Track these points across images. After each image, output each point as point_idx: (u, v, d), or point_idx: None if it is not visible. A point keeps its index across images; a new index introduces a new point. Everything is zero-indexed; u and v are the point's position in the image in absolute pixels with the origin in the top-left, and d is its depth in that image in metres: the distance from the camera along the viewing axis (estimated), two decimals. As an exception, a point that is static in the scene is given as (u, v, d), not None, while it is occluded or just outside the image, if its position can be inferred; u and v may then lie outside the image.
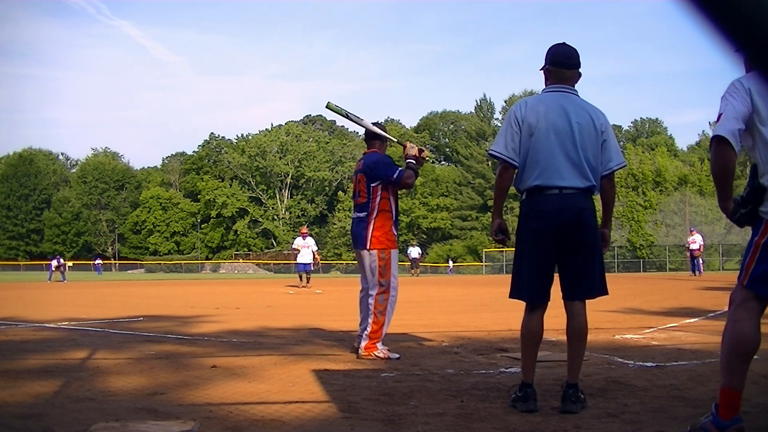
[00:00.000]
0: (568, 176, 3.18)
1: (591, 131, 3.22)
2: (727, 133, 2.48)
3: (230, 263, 62.58)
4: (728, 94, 2.56)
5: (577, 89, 3.34)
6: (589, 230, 3.24)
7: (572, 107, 3.23)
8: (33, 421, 2.92)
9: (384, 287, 4.92)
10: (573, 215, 3.18)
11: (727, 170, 2.54)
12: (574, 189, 3.19)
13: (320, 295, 15.12)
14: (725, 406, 2.50)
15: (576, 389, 3.13)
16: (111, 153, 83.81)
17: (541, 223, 3.20)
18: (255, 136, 72.29)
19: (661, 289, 15.78)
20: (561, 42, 3.37)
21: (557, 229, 3.18)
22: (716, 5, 0.63)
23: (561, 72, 3.30)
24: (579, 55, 3.34)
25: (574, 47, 3.36)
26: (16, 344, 5.82)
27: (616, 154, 3.35)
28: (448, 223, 63.67)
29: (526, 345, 3.26)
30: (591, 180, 3.23)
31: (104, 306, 11.48)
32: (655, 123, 78.55)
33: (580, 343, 3.24)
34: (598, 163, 3.27)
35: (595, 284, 3.28)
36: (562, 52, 3.32)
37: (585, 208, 3.23)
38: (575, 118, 3.21)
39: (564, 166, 3.18)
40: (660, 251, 46.60)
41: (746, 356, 2.51)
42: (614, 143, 3.35)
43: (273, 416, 3.02)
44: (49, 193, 75.68)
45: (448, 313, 9.43)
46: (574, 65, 3.31)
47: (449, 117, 79.19)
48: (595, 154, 3.24)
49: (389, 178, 4.95)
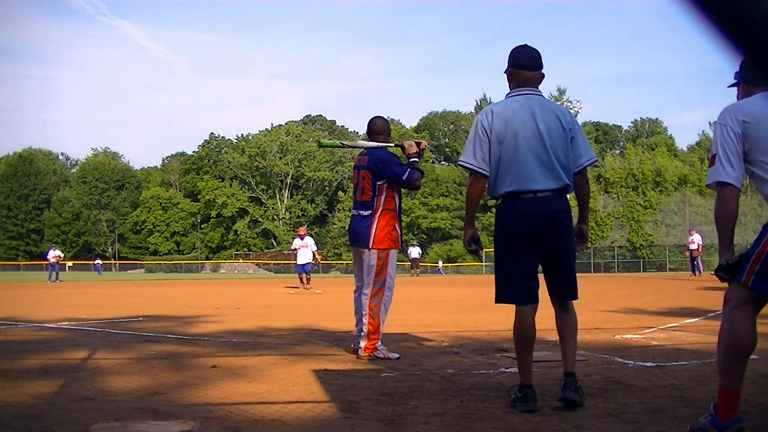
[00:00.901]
0: (541, 179, 3.20)
1: (559, 131, 3.24)
2: (730, 179, 2.57)
3: (230, 263, 62.58)
4: (720, 132, 2.62)
5: (540, 90, 3.36)
6: (565, 232, 3.27)
7: (538, 109, 3.25)
8: (33, 421, 2.92)
9: (379, 286, 4.90)
10: (548, 218, 3.20)
11: (728, 213, 2.60)
12: (548, 191, 3.22)
13: (320, 295, 15.13)
14: (724, 407, 2.50)
15: (574, 378, 3.17)
16: (111, 153, 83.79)
17: (518, 227, 3.23)
18: (255, 136, 72.28)
19: (661, 289, 15.78)
20: (522, 44, 3.40)
21: (534, 233, 3.21)
22: (716, 5, 0.63)
23: (523, 74, 3.32)
24: (541, 56, 3.37)
25: (536, 48, 3.38)
26: (16, 344, 5.82)
27: (586, 150, 3.37)
28: (448, 223, 63.70)
29: (520, 347, 3.27)
30: (564, 180, 3.25)
31: (104, 306, 11.48)
32: (655, 123, 78.60)
33: (572, 335, 3.29)
34: (570, 161, 3.28)
35: (575, 285, 3.35)
36: (524, 54, 3.34)
37: (560, 210, 3.25)
38: (542, 120, 3.22)
39: (536, 170, 3.20)
40: (660, 251, 46.61)
41: (743, 356, 2.51)
42: (582, 139, 3.36)
43: (273, 416, 3.02)
44: (49, 193, 75.68)
45: (448, 313, 9.43)
46: (535, 66, 3.34)
47: (449, 117, 79.17)
48: (565, 153, 3.26)
49: (398, 179, 4.90)
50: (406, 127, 75.64)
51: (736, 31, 0.63)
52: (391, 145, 5.25)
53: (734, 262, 2.56)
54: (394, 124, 74.30)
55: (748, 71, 2.71)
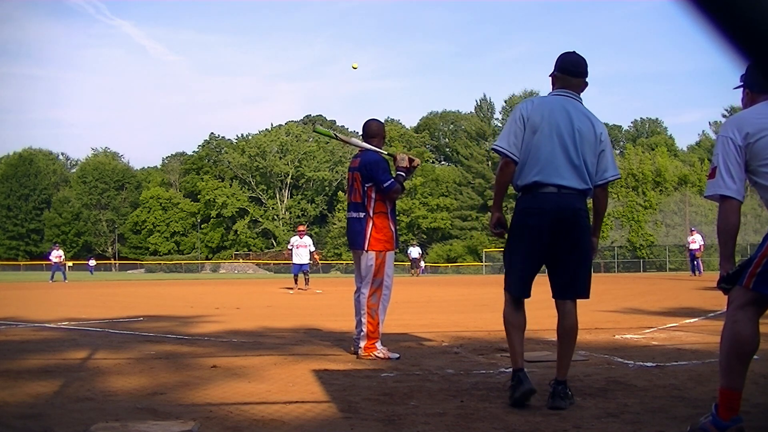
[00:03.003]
0: (568, 176, 3.26)
1: (591, 137, 3.32)
2: (730, 192, 2.62)
3: (230, 263, 62.59)
4: (721, 144, 2.66)
5: (581, 98, 3.44)
6: (584, 231, 3.33)
7: (575, 112, 3.33)
8: (33, 421, 2.92)
9: (376, 286, 4.93)
10: (570, 215, 3.26)
11: (729, 226, 2.63)
12: (573, 190, 3.27)
13: (320, 295, 15.12)
14: (725, 407, 2.51)
15: (564, 386, 3.19)
16: (111, 153, 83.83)
17: (539, 220, 3.26)
18: (255, 136, 72.28)
19: (661, 289, 15.78)
20: (572, 51, 3.48)
21: (554, 227, 3.25)
22: (717, 6, 0.63)
23: (568, 79, 3.40)
24: (587, 65, 3.45)
25: (584, 57, 3.46)
26: (16, 344, 5.82)
27: (613, 166, 3.44)
28: (448, 223, 63.67)
29: (509, 332, 3.39)
30: (588, 183, 3.33)
31: (104, 306, 11.48)
32: (655, 123, 78.57)
33: (570, 342, 3.31)
34: (595, 169, 3.35)
35: (586, 285, 3.37)
36: (571, 61, 3.43)
37: (581, 209, 3.32)
38: (577, 123, 3.30)
39: (564, 166, 3.26)
40: (660, 251, 46.61)
41: (745, 357, 2.53)
42: (611, 155, 3.45)
43: (273, 416, 3.02)
44: (49, 193, 75.68)
45: (448, 313, 9.43)
46: (580, 74, 3.42)
47: (449, 117, 79.18)
48: (592, 160, 3.33)
49: (380, 185, 4.95)
50: (406, 127, 75.70)
51: (739, 36, 0.63)
52: (384, 152, 5.19)
53: (734, 271, 2.60)
54: (394, 124, 74.41)
55: (754, 78, 2.72)
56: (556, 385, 3.18)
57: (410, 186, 60.72)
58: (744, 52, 0.64)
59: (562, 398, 3.14)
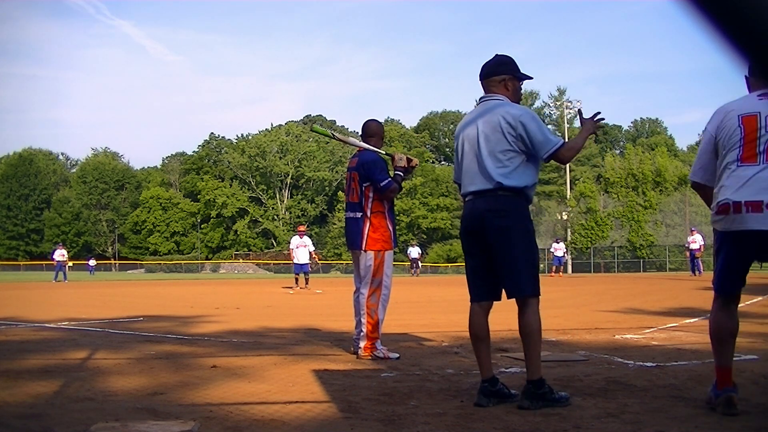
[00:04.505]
0: (478, 181, 3.38)
1: (497, 131, 3.30)
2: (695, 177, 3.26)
3: (230, 263, 62.58)
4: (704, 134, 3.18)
5: (502, 97, 3.42)
6: (496, 231, 3.28)
7: (484, 115, 3.39)
8: (33, 421, 2.92)
9: (376, 285, 4.92)
10: (477, 219, 3.36)
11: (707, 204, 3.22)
12: (481, 192, 3.36)
13: (320, 295, 15.13)
14: (719, 380, 3.02)
15: (534, 385, 3.17)
16: (111, 153, 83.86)
17: (462, 227, 3.48)
18: (255, 136, 72.26)
19: (661, 289, 15.78)
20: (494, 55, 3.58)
21: (469, 233, 3.41)
22: (717, 6, 0.63)
23: (483, 85, 3.54)
24: (490, 64, 3.50)
25: (494, 58, 3.53)
26: (16, 344, 5.82)
27: (546, 139, 3.29)
28: (448, 223, 63.67)
29: (472, 342, 3.47)
30: (494, 179, 3.29)
31: (104, 306, 11.48)
32: (655, 123, 78.60)
33: (526, 340, 3.27)
34: (508, 157, 3.28)
35: (518, 283, 3.29)
36: (482, 68, 3.54)
37: (488, 209, 3.30)
38: (482, 125, 3.37)
39: (475, 173, 3.39)
40: (660, 251, 46.58)
41: (725, 338, 3.05)
42: (536, 134, 3.27)
43: (273, 416, 3.02)
44: (49, 193, 75.68)
45: (448, 313, 9.43)
46: (485, 75, 3.51)
47: (449, 117, 79.14)
48: (503, 149, 3.28)
49: (376, 184, 4.94)
50: (406, 127, 75.69)
51: (739, 36, 0.63)
52: (382, 152, 5.18)
53: None
54: (394, 124, 74.39)
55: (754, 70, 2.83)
56: (526, 384, 3.21)
57: (410, 186, 60.73)
58: (744, 51, 0.64)
59: (527, 398, 3.16)
